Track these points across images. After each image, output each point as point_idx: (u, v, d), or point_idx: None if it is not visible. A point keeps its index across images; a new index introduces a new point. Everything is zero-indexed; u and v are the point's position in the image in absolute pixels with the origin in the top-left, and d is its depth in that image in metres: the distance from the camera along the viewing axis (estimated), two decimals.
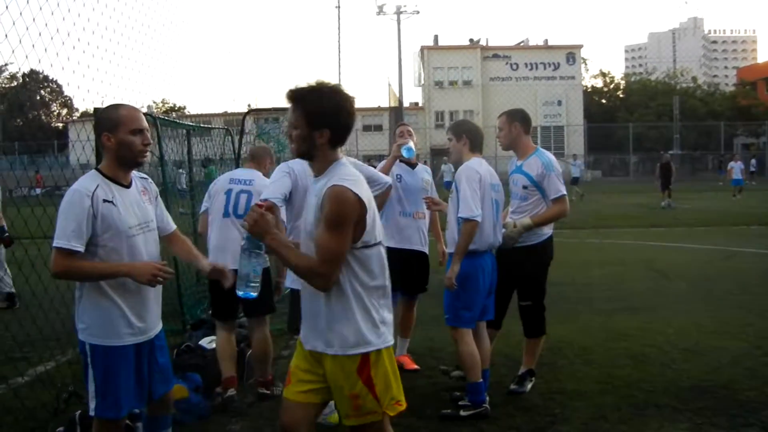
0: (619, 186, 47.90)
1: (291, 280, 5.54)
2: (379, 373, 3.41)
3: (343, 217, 3.28)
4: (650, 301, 9.85)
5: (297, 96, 3.43)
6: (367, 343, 3.39)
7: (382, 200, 5.38)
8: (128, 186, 3.99)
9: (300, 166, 5.36)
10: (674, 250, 15.49)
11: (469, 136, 5.80)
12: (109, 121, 3.90)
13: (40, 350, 6.73)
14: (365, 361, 3.39)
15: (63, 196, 3.82)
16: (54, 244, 3.70)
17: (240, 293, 3.56)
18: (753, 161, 56.14)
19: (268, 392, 6.09)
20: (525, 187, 6.04)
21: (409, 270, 6.53)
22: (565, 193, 6.00)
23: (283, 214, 5.39)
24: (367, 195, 3.40)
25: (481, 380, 5.58)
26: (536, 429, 5.39)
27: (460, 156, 5.84)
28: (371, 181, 5.21)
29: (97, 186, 3.82)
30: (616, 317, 8.85)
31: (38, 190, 26.12)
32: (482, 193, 5.57)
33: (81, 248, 3.73)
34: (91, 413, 3.95)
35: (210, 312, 7.29)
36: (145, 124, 3.95)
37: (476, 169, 5.62)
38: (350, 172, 3.43)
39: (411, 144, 6.41)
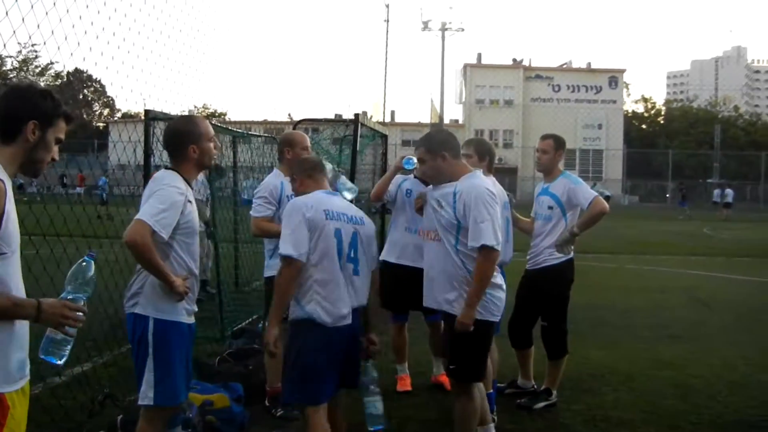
0: (657, 213, 47.37)
1: None
2: None
3: None
4: (693, 331, 9.63)
5: None
6: None
7: None
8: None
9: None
10: (715, 280, 15.20)
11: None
12: (194, 133, 4.07)
13: (76, 350, 6.64)
14: None
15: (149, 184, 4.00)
16: (142, 218, 3.74)
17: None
18: None
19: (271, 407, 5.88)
20: (551, 208, 6.20)
21: (417, 288, 5.30)
22: (596, 194, 6.11)
23: None
24: None
25: (491, 391, 5.54)
26: None
27: None
28: None
29: (184, 186, 3.96)
30: (659, 345, 8.65)
31: (79, 189, 26.21)
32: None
33: (165, 236, 3.79)
34: (147, 402, 3.93)
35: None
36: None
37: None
38: None
39: (413, 156, 6.19)
